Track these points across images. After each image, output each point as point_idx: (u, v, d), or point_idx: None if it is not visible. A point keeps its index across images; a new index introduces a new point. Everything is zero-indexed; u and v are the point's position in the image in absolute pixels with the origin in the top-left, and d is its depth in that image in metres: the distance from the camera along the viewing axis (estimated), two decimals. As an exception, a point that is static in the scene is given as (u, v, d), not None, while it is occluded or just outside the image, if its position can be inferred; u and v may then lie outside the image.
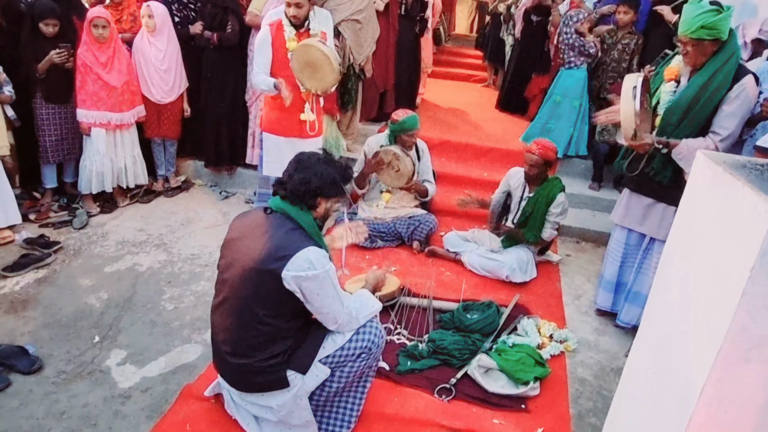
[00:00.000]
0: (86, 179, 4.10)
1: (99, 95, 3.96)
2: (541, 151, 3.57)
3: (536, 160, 3.58)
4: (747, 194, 1.06)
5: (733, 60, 2.58)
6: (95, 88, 3.94)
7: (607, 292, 3.26)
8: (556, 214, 3.63)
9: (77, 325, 2.94)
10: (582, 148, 5.15)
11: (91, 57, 3.90)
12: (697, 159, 1.29)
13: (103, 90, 3.96)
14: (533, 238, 3.67)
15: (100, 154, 4.06)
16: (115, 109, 4.04)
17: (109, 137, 4.11)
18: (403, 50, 5.63)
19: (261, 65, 3.57)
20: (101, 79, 3.94)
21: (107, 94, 3.98)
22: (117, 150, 4.17)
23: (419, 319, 3.15)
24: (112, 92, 3.99)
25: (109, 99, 3.99)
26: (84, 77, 3.92)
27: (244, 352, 2.08)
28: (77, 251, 3.67)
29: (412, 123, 3.92)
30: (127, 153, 4.26)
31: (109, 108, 4.00)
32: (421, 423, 2.41)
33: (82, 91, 3.94)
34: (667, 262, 1.37)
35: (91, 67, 3.90)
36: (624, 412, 1.50)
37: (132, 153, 4.30)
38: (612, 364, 2.96)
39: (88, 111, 3.96)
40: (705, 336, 1.13)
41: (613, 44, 4.74)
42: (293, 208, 2.08)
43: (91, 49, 3.90)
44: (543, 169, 3.62)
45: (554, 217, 3.64)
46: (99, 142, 4.04)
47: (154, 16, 4.17)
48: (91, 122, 3.98)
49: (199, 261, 3.67)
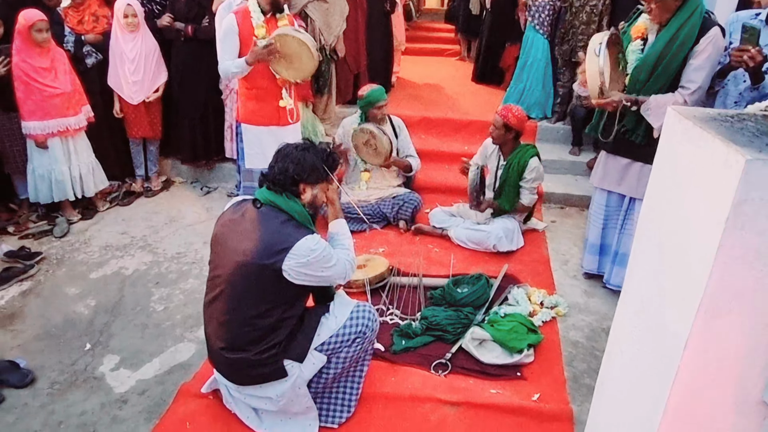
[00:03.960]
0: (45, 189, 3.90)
1: (50, 102, 3.71)
2: (502, 113, 3.57)
3: (497, 122, 3.58)
4: (717, 146, 1.07)
5: (697, 13, 2.58)
6: (41, 97, 3.67)
7: (592, 255, 3.29)
8: (530, 180, 3.63)
9: (67, 334, 2.91)
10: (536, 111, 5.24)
11: (30, 66, 3.60)
12: (668, 115, 1.29)
13: (52, 97, 3.71)
14: (509, 206, 3.69)
15: (60, 163, 3.87)
16: (71, 113, 3.82)
17: (63, 145, 3.89)
18: (375, 28, 5.55)
19: (228, 55, 3.48)
20: (48, 87, 3.68)
21: (60, 100, 3.75)
22: (71, 157, 3.95)
23: (410, 297, 3.17)
24: (63, 96, 3.76)
25: (62, 104, 3.76)
26: (27, 88, 3.62)
27: (241, 346, 2.08)
28: (60, 260, 3.62)
29: (377, 95, 3.90)
30: (82, 161, 4.03)
31: (62, 113, 3.77)
32: (420, 399, 2.44)
33: (28, 102, 3.65)
34: (645, 220, 1.38)
35: (34, 77, 3.61)
36: (613, 372, 1.53)
37: (87, 160, 4.08)
38: (603, 325, 3.01)
39: (40, 122, 3.71)
40: (685, 291, 1.14)
41: (581, 6, 4.71)
42: (280, 198, 2.09)
43: (31, 57, 3.60)
44: (505, 132, 3.60)
45: (529, 183, 3.64)
46: (56, 151, 3.84)
47: (137, 14, 4.09)
48: (46, 133, 3.75)
49: (185, 259, 3.64)
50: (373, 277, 3.20)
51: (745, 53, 2.38)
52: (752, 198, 0.99)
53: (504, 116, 3.56)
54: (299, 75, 3.41)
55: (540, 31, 5.08)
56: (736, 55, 2.42)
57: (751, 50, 2.36)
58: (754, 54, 2.36)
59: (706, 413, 1.19)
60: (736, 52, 2.42)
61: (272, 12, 3.47)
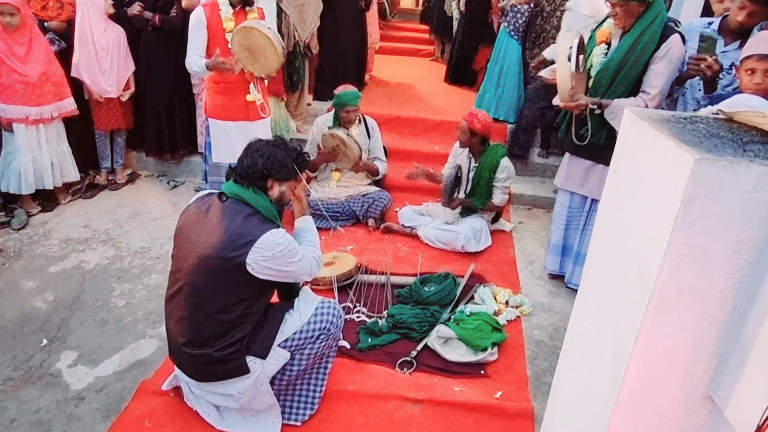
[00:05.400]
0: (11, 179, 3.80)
1: (14, 88, 3.63)
2: (467, 118, 3.62)
3: (463, 126, 3.64)
4: (669, 146, 1.09)
5: (658, 20, 2.65)
6: (9, 80, 3.61)
7: (554, 256, 3.35)
8: (502, 179, 3.68)
9: (23, 329, 2.82)
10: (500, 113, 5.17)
11: (3, 47, 3.57)
12: (624, 115, 1.32)
13: (19, 83, 3.64)
14: (481, 204, 3.73)
15: (22, 153, 3.76)
16: (32, 103, 3.72)
17: (31, 133, 3.80)
18: (349, 26, 5.54)
19: (195, 48, 3.43)
20: (15, 71, 3.61)
21: (23, 87, 3.65)
22: (41, 147, 3.86)
23: (378, 295, 3.17)
24: (29, 85, 3.68)
25: (25, 92, 3.68)
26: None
27: (202, 341, 2.04)
28: (18, 253, 3.51)
29: (348, 98, 3.87)
30: (53, 150, 3.94)
31: (25, 101, 3.69)
32: (384, 397, 2.44)
33: None
34: (602, 219, 1.41)
35: (3, 59, 3.57)
36: (569, 368, 1.56)
37: (58, 149, 3.99)
38: (565, 324, 3.01)
39: (4, 105, 3.64)
40: (636, 287, 1.17)
41: (552, 11, 4.78)
42: (246, 192, 2.06)
43: (3, 39, 3.57)
44: (471, 137, 3.65)
45: (501, 182, 3.69)
46: (20, 139, 3.74)
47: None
48: (9, 117, 3.68)
49: (149, 254, 3.57)
50: (341, 275, 3.19)
51: (702, 62, 2.45)
52: (700, 197, 1.02)
53: (470, 122, 3.60)
54: (264, 70, 3.38)
55: (514, 36, 5.11)
56: (693, 63, 2.48)
57: (708, 59, 2.43)
58: (711, 63, 2.43)
59: (655, 407, 1.22)
60: (694, 60, 2.49)
61: (241, 5, 3.43)
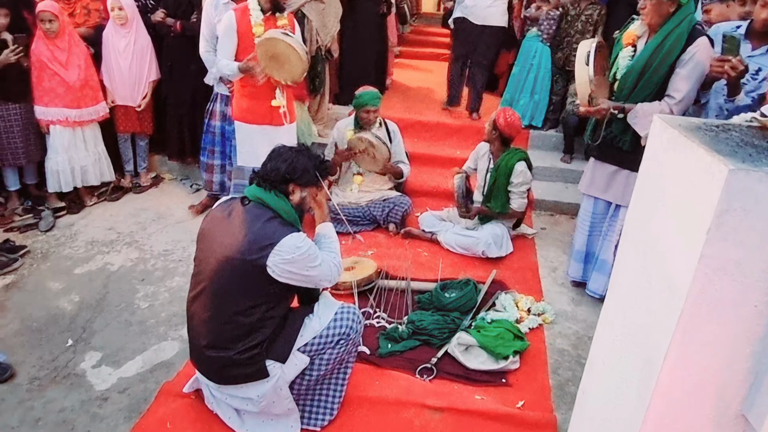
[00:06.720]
0: (52, 179, 3.99)
1: (56, 91, 3.83)
2: (497, 112, 3.64)
3: (491, 120, 3.66)
4: (701, 156, 1.06)
5: (686, 22, 2.57)
6: (52, 84, 3.81)
7: (577, 263, 3.29)
8: (517, 184, 3.64)
9: (49, 329, 2.87)
10: (537, 120, 5.19)
11: (46, 52, 3.77)
12: (654, 123, 1.29)
13: (60, 86, 3.84)
14: (499, 207, 3.69)
15: (59, 153, 3.95)
16: (73, 105, 3.90)
17: (70, 134, 3.98)
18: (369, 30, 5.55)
19: (225, 52, 3.48)
20: (58, 75, 3.81)
21: (64, 90, 3.85)
22: (78, 148, 4.04)
23: (398, 301, 3.16)
24: (69, 88, 3.87)
25: (66, 95, 3.86)
26: (40, 73, 3.78)
27: (223, 344, 2.05)
28: (45, 254, 3.58)
29: (367, 99, 3.87)
30: (90, 150, 4.13)
31: (66, 104, 3.88)
32: (404, 404, 2.41)
33: (39, 87, 3.81)
34: (630, 228, 1.38)
35: (47, 63, 3.77)
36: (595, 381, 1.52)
37: (95, 150, 4.17)
38: (589, 333, 3.00)
39: (45, 108, 3.84)
40: (667, 300, 1.13)
41: (576, 16, 4.73)
42: (268, 195, 2.08)
43: (45, 44, 3.76)
44: (492, 130, 3.65)
45: (516, 187, 3.65)
46: (58, 140, 3.93)
47: (124, 7, 4.05)
48: (49, 119, 3.87)
49: (172, 257, 3.61)
50: (361, 280, 3.19)
51: (726, 63, 2.34)
52: (734, 208, 0.99)
53: (497, 115, 3.63)
54: (290, 77, 3.40)
55: (546, 43, 5.01)
56: (716, 65, 2.39)
57: (732, 60, 2.32)
58: (735, 63, 2.30)
59: (686, 426, 1.18)
60: (717, 62, 2.39)
61: (272, 11, 3.46)
